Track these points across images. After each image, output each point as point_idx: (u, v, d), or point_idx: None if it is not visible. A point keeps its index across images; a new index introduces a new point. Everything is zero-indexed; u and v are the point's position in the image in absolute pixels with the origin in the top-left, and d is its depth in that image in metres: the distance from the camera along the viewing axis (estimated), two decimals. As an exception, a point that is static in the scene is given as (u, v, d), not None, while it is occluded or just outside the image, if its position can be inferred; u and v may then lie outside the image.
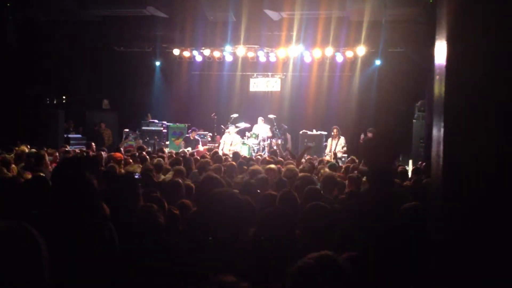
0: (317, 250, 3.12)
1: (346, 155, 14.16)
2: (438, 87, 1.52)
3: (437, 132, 1.51)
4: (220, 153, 12.18)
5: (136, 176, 6.18)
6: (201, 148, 15.01)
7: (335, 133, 14.91)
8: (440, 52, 1.51)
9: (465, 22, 1.41)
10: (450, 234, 1.44)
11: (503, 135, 1.37)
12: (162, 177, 7.37)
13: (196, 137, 15.92)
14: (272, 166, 7.14)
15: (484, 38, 1.39)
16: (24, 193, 3.98)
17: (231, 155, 10.97)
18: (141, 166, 7.83)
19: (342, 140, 14.89)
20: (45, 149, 9.87)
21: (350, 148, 14.84)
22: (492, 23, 1.38)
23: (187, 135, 16.11)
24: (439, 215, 1.46)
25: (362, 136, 15.19)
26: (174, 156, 10.03)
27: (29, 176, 5.66)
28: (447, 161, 1.43)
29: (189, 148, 14.74)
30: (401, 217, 2.94)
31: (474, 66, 1.39)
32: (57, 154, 10.02)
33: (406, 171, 9.66)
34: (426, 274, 1.80)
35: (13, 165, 7.70)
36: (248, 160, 9.54)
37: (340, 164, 11.13)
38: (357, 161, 10.75)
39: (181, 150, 13.67)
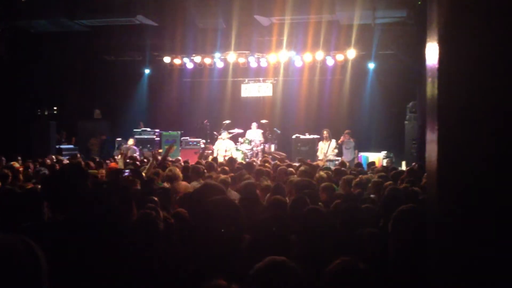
0: (312, 254, 3.12)
1: (339, 158, 14.20)
2: (431, 89, 1.52)
3: (431, 134, 1.51)
4: (221, 159, 12.14)
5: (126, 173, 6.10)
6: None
7: (326, 136, 14.97)
8: (432, 53, 1.51)
9: (456, 24, 1.41)
10: (448, 236, 1.44)
11: (497, 135, 1.37)
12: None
13: (134, 147, 15.38)
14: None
15: (475, 39, 1.39)
16: (15, 206, 3.95)
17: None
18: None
19: (333, 143, 14.94)
20: (39, 160, 9.78)
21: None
22: (483, 23, 1.38)
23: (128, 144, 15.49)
24: (436, 218, 1.46)
25: (342, 138, 15.21)
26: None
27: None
28: (442, 162, 1.44)
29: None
30: (397, 220, 2.93)
31: (466, 67, 1.40)
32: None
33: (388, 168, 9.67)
34: (426, 276, 1.80)
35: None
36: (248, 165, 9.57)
37: (332, 166, 11.20)
38: (347, 164, 10.79)
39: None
